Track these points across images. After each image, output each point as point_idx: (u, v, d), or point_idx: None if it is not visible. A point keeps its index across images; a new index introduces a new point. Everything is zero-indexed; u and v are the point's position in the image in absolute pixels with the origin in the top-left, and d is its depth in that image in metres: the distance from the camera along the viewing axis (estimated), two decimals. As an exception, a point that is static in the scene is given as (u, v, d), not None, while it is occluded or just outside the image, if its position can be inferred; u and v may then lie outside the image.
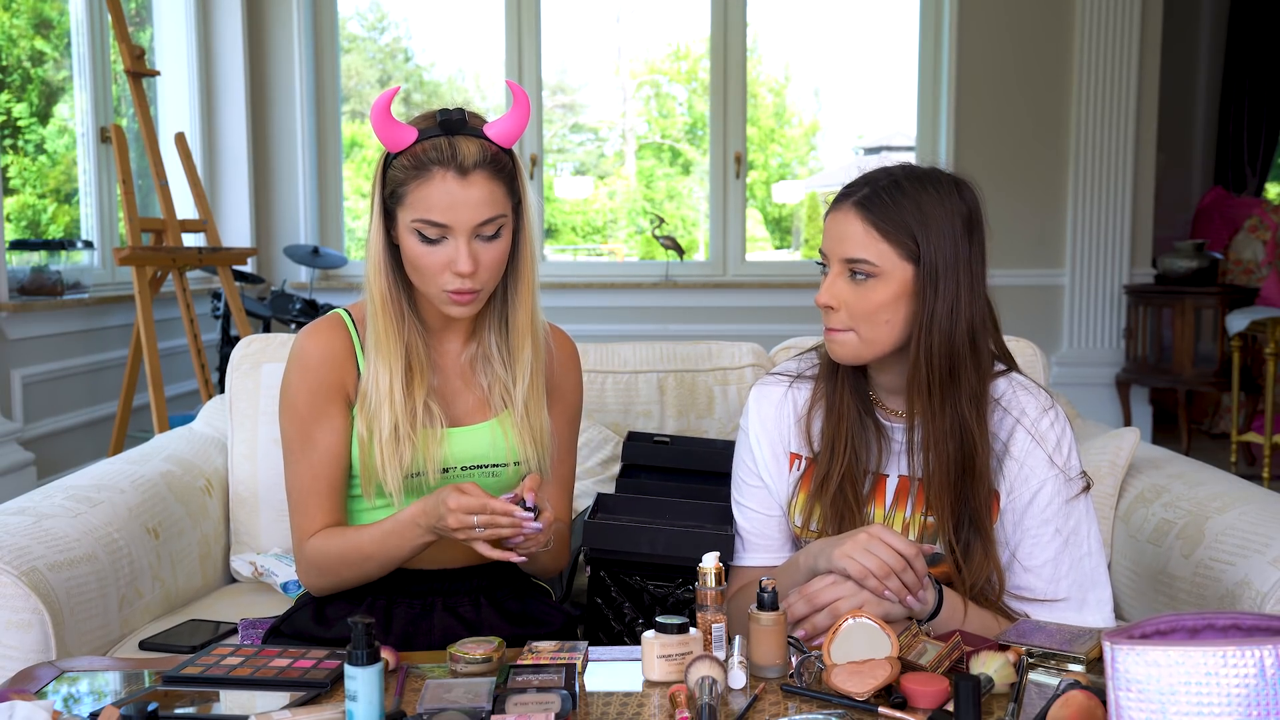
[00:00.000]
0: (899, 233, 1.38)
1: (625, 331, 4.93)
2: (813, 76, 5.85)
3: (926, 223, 1.38)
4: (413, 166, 1.35)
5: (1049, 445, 1.45)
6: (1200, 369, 4.96)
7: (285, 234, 5.08)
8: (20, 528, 1.62)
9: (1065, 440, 1.46)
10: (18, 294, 3.65)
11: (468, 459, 1.46)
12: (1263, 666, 0.86)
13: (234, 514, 2.10)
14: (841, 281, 1.41)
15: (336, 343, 1.47)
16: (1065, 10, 5.03)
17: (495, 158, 1.37)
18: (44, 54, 4.05)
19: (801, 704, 1.15)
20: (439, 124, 1.36)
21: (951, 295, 1.39)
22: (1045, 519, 1.44)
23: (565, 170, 5.73)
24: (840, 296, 1.41)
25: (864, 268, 1.39)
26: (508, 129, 1.38)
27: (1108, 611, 1.47)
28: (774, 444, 1.55)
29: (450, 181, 1.33)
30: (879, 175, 1.42)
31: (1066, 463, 1.45)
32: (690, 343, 2.29)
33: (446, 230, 1.34)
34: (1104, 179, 5.07)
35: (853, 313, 1.40)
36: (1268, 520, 1.60)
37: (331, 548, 1.43)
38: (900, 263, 1.38)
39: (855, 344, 1.42)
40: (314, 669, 1.23)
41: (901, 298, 1.39)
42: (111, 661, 1.37)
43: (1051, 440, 1.45)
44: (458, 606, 1.49)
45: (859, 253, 1.39)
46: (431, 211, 1.34)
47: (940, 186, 1.41)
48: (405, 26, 5.67)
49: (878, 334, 1.40)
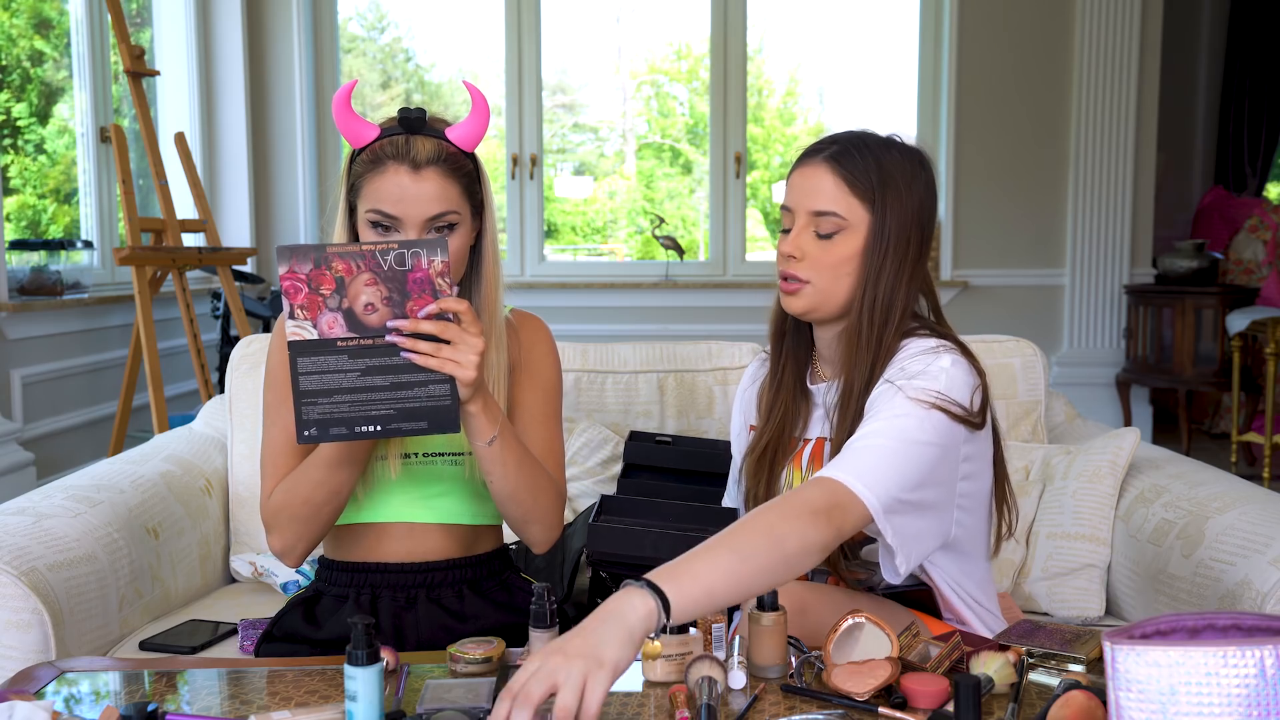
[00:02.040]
0: (867, 187, 1.40)
1: (625, 331, 4.93)
2: (817, 77, 5.86)
3: (886, 183, 1.40)
4: (370, 160, 1.39)
5: (906, 359, 1.38)
6: (1200, 369, 4.96)
7: (285, 234, 5.08)
8: (20, 528, 1.62)
9: (927, 361, 1.36)
10: (18, 294, 3.65)
11: (428, 446, 1.48)
12: (1263, 667, 0.85)
13: (234, 514, 2.10)
14: (807, 235, 1.43)
15: None
16: (1065, 10, 5.03)
17: (452, 157, 1.39)
18: (43, 54, 4.05)
19: (801, 704, 1.15)
20: (399, 122, 1.40)
21: (900, 256, 1.41)
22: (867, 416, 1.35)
23: (565, 170, 5.73)
24: (804, 247, 1.43)
25: (832, 221, 1.41)
26: (467, 132, 1.41)
27: (854, 479, 1.25)
28: (744, 417, 1.64)
29: (403, 175, 1.36)
30: (846, 135, 1.45)
31: (913, 376, 1.35)
32: (690, 343, 2.29)
33: (397, 222, 1.37)
34: (1104, 179, 5.07)
35: (816, 265, 1.42)
36: (1268, 520, 1.60)
37: (285, 483, 1.43)
38: (866, 217, 1.41)
39: (811, 295, 1.43)
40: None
41: (863, 253, 1.41)
42: (111, 662, 1.37)
43: (911, 356, 1.37)
44: (441, 598, 1.50)
45: (829, 205, 1.41)
46: (383, 203, 1.37)
47: (906, 152, 1.44)
48: (405, 27, 5.67)
49: (837, 286, 1.42)
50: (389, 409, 1.25)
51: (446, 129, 1.41)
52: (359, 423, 1.25)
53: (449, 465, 1.49)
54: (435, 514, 1.50)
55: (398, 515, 1.49)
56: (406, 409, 1.25)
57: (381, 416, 1.25)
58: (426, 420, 1.26)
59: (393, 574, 1.50)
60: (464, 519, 1.51)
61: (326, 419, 1.24)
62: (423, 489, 1.49)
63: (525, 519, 1.45)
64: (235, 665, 1.32)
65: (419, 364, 1.24)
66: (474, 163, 1.44)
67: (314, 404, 1.23)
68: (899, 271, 1.41)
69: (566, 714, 0.97)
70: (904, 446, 1.29)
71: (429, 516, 1.50)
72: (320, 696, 1.19)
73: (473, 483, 1.50)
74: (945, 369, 1.36)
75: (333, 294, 1.22)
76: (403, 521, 1.49)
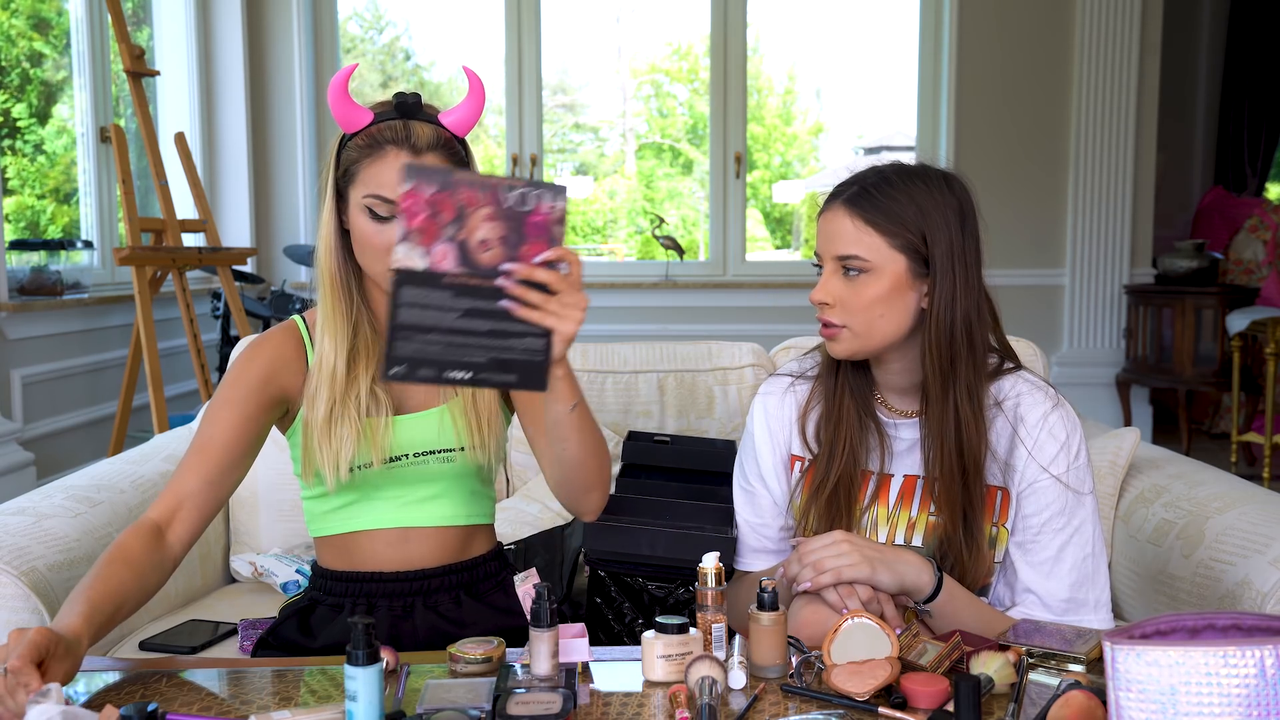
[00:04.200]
0: (890, 224, 1.39)
1: (625, 331, 4.93)
2: (815, 76, 5.86)
3: (921, 214, 1.39)
4: (366, 145, 1.36)
5: (1057, 442, 1.44)
6: (1200, 369, 4.96)
7: (285, 234, 5.08)
8: (20, 528, 1.62)
9: (1075, 438, 1.46)
10: (17, 294, 3.65)
11: (418, 445, 1.45)
12: (1263, 667, 0.85)
13: (234, 514, 2.10)
14: (835, 279, 1.42)
15: (286, 347, 1.46)
16: (1065, 10, 5.03)
17: (448, 143, 1.38)
18: (43, 54, 4.05)
19: (801, 704, 1.15)
20: (394, 107, 1.38)
21: (949, 287, 1.39)
22: (1048, 517, 1.44)
23: (565, 170, 5.73)
24: (834, 293, 1.41)
25: (855, 263, 1.39)
26: (462, 117, 1.39)
27: (1106, 614, 1.46)
28: (776, 448, 1.55)
29: (404, 159, 1.33)
30: (867, 174, 1.44)
31: (1074, 461, 1.45)
32: (690, 343, 2.29)
33: (395, 208, 1.33)
34: (1104, 179, 5.07)
35: (846, 309, 1.41)
36: (1268, 520, 1.60)
37: (104, 553, 1.31)
38: (893, 254, 1.39)
39: (849, 339, 1.42)
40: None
41: (896, 291, 1.40)
42: (111, 661, 1.37)
43: (1060, 437, 1.45)
44: (439, 605, 1.48)
45: (850, 249, 1.39)
46: (383, 188, 1.34)
47: (930, 180, 1.42)
48: (404, 26, 5.67)
49: (873, 329, 1.41)
50: (482, 357, 1.15)
51: (440, 114, 1.39)
52: (450, 367, 1.15)
53: (440, 463, 1.46)
54: (427, 517, 1.48)
55: (389, 521, 1.47)
56: (500, 359, 1.16)
57: (474, 364, 1.15)
58: (518, 375, 1.17)
59: (388, 583, 1.48)
60: (457, 520, 1.49)
61: (418, 358, 1.13)
62: (413, 492, 1.47)
63: (589, 485, 1.40)
64: (235, 665, 1.31)
65: (520, 314, 1.15)
66: (465, 149, 1.41)
67: (409, 340, 1.13)
68: (951, 303, 1.39)
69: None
70: (1102, 547, 1.48)
71: (421, 520, 1.47)
72: (320, 696, 1.19)
73: (464, 480, 1.48)
74: (1079, 430, 1.47)
75: (450, 223, 1.12)
76: (394, 528, 1.47)
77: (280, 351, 1.46)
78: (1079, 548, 1.45)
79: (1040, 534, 1.45)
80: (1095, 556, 1.46)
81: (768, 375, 1.65)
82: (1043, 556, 1.45)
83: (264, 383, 1.43)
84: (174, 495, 1.37)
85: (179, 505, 1.37)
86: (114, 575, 1.26)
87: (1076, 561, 1.45)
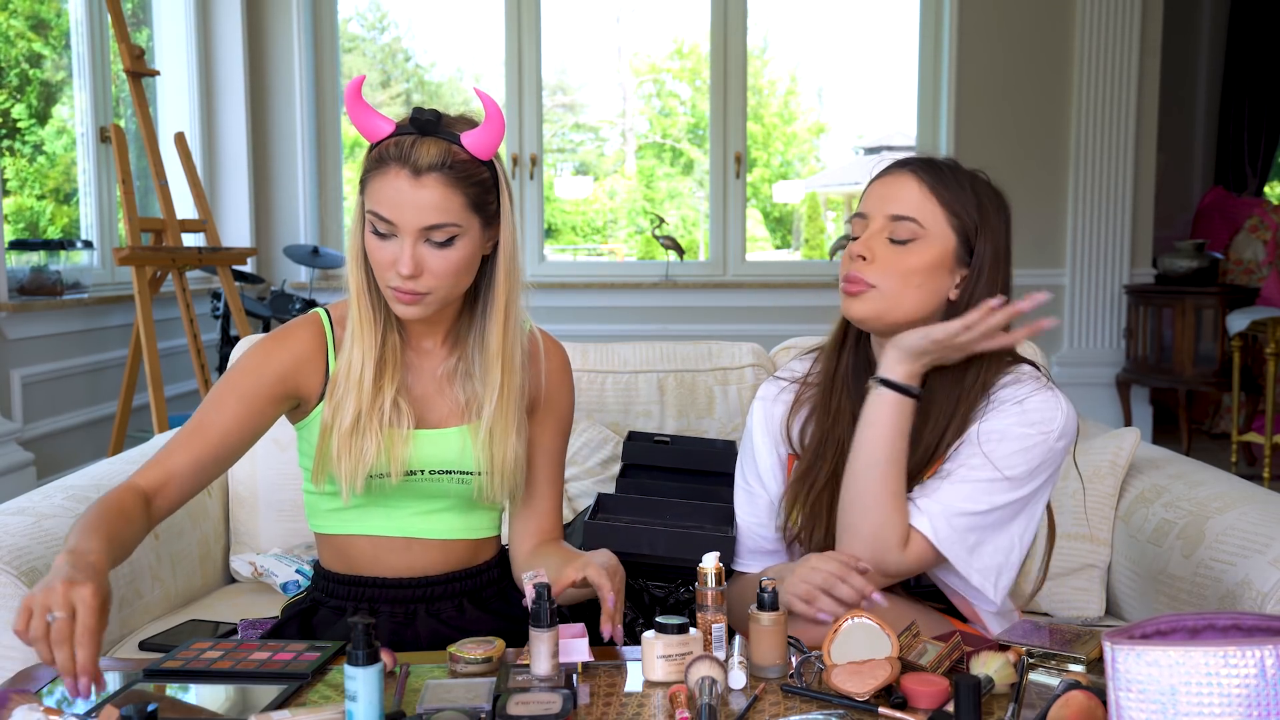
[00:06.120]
0: (955, 202, 1.39)
1: (625, 331, 4.93)
2: (816, 76, 5.86)
3: (979, 208, 1.40)
4: (376, 159, 1.34)
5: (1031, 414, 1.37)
6: (1200, 369, 4.96)
7: (285, 234, 5.08)
8: (20, 528, 1.62)
9: (1050, 423, 1.37)
10: (17, 294, 3.65)
11: (436, 463, 1.43)
12: (1263, 667, 0.85)
13: (233, 514, 2.10)
14: (880, 240, 1.39)
15: (308, 346, 1.44)
16: (1065, 10, 5.03)
17: (460, 165, 1.32)
18: (42, 55, 4.05)
19: (801, 704, 1.15)
20: (411, 122, 1.34)
21: (983, 286, 1.39)
22: (995, 455, 1.35)
23: (565, 170, 5.73)
24: (875, 250, 1.38)
25: (909, 227, 1.37)
26: (480, 140, 1.34)
27: (992, 588, 1.37)
28: (774, 449, 1.55)
29: (402, 180, 1.31)
30: (935, 155, 1.45)
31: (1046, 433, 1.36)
32: (690, 343, 2.29)
33: (393, 227, 1.32)
34: (1104, 179, 5.07)
35: (884, 269, 1.37)
36: (1268, 520, 1.60)
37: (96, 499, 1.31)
38: (947, 231, 1.38)
39: (875, 300, 1.38)
40: (294, 661, 1.23)
41: (938, 266, 1.38)
42: (111, 662, 1.37)
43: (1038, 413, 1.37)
44: (441, 612, 1.48)
45: (910, 210, 1.38)
46: (380, 206, 1.32)
47: (990, 186, 1.44)
48: (405, 26, 5.67)
49: (901, 297, 1.37)
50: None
51: (463, 134, 1.34)
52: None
53: (455, 484, 1.45)
54: (435, 530, 1.47)
55: (395, 530, 1.46)
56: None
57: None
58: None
59: (391, 588, 1.47)
60: (464, 534, 1.49)
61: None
62: (423, 504, 1.46)
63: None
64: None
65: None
66: (492, 171, 1.36)
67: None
68: (986, 296, 1.36)
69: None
70: (1024, 536, 1.42)
71: (427, 532, 1.47)
72: (320, 696, 1.19)
73: (476, 501, 1.47)
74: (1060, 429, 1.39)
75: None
76: (399, 536, 1.47)
77: (302, 350, 1.44)
78: (979, 503, 1.34)
79: (973, 461, 1.36)
80: (1015, 543, 1.37)
81: (768, 375, 1.65)
82: (964, 478, 1.35)
83: (278, 380, 1.41)
84: (163, 469, 1.35)
85: (167, 480, 1.35)
86: (115, 523, 1.24)
87: (990, 505, 1.35)
